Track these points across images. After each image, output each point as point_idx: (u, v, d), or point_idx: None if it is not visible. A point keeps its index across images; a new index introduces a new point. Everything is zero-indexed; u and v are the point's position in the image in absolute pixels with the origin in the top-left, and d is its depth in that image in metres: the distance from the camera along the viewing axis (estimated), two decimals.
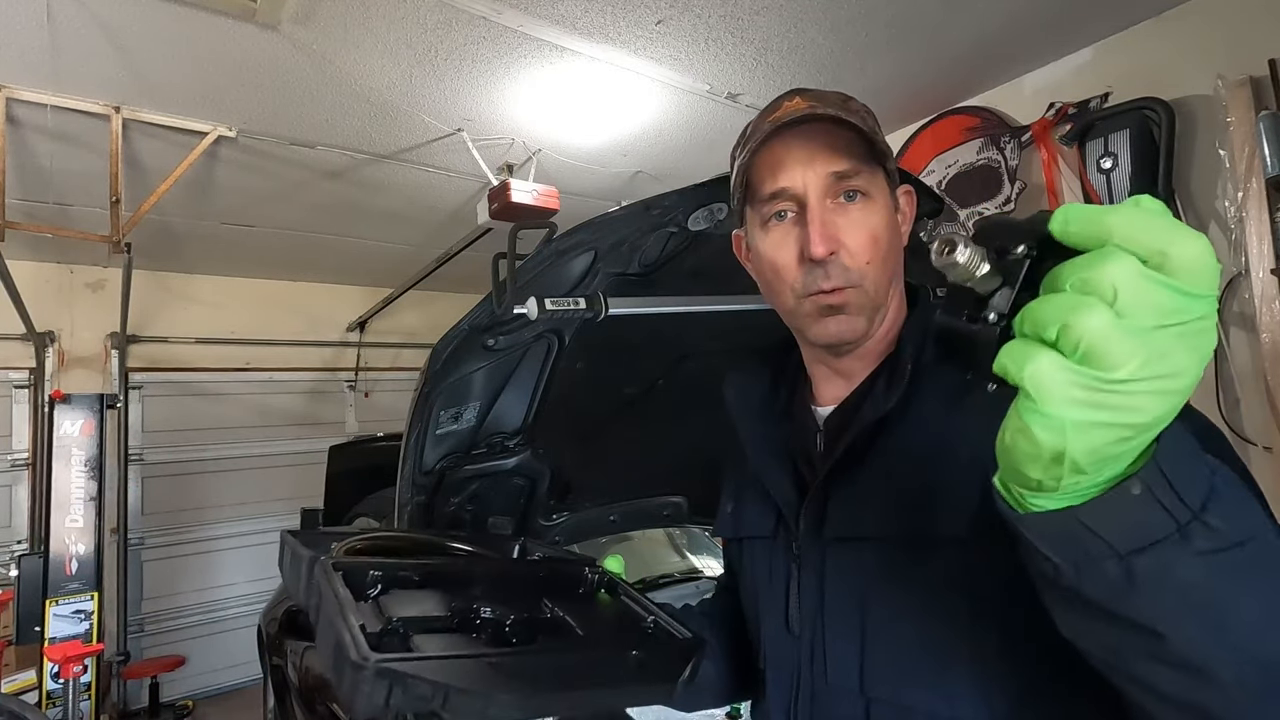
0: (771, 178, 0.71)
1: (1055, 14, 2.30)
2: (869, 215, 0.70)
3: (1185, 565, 0.38)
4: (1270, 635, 0.39)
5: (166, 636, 4.58)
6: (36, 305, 3.90)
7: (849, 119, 0.69)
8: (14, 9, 1.99)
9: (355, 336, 5.40)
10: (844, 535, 0.72)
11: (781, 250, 0.72)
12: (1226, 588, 0.39)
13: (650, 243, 1.29)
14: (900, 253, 0.75)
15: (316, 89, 2.50)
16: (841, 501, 0.73)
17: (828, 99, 0.72)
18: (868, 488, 0.71)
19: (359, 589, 0.77)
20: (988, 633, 0.61)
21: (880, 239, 0.70)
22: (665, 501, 2.07)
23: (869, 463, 0.71)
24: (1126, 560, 0.38)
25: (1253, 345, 2.09)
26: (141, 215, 2.79)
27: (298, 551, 0.88)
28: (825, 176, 0.69)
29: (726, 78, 2.57)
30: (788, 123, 0.69)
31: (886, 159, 0.72)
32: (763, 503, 0.82)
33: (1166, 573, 0.38)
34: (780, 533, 0.80)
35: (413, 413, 1.44)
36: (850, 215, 0.70)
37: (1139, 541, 0.38)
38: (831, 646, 0.72)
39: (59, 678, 3.11)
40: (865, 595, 0.69)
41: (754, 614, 0.84)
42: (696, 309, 1.40)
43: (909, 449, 0.69)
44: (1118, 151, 2.32)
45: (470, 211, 3.64)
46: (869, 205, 0.70)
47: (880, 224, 0.71)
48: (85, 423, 3.41)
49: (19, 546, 4.12)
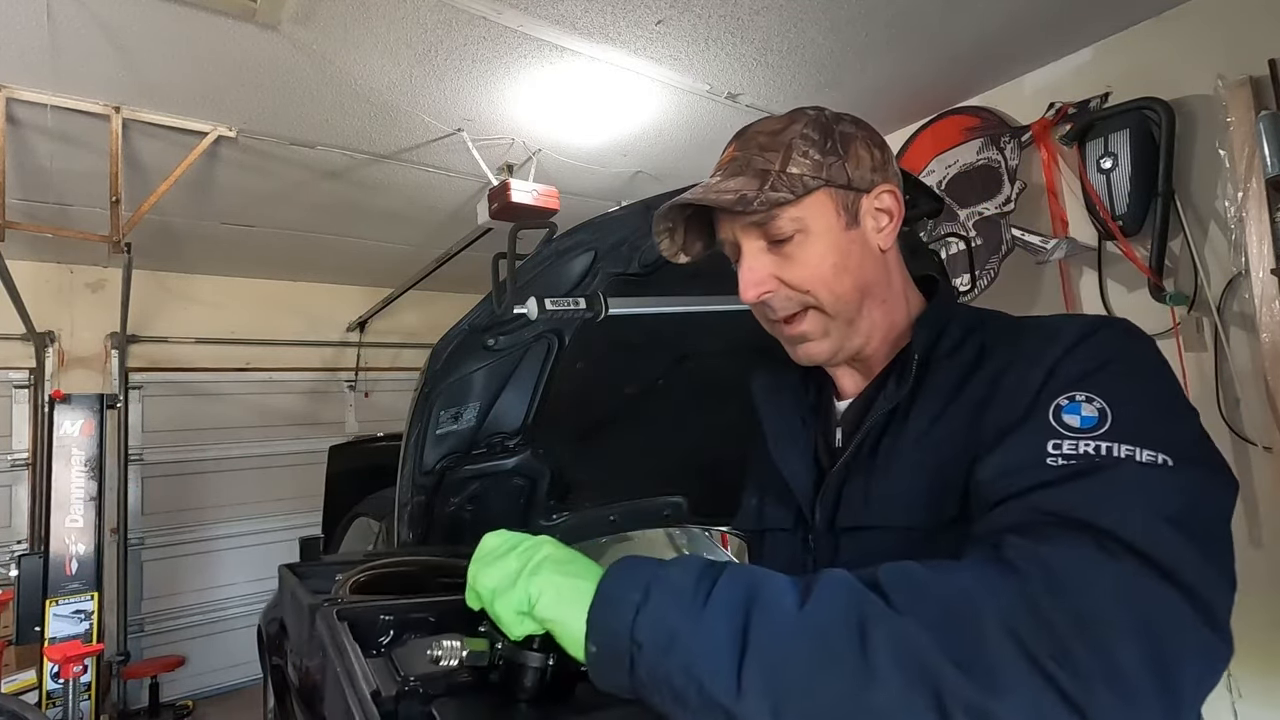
0: (717, 227, 0.78)
1: (1055, 14, 2.30)
2: (805, 248, 0.73)
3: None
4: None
5: (166, 636, 4.58)
6: (36, 305, 3.90)
7: (741, 191, 0.71)
8: (14, 9, 1.99)
9: (355, 336, 5.40)
10: (852, 525, 0.75)
11: (742, 289, 0.77)
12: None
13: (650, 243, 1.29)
14: (877, 262, 0.76)
15: (316, 89, 2.50)
16: (853, 492, 0.75)
17: (749, 145, 0.75)
18: (876, 478, 0.73)
19: (369, 639, 0.71)
20: None
21: (822, 264, 0.73)
22: (665, 501, 2.07)
23: (879, 454, 0.74)
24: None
25: (1253, 345, 2.09)
26: (141, 215, 2.79)
27: (298, 594, 0.81)
28: (747, 226, 0.74)
29: (726, 78, 2.57)
30: (675, 205, 0.75)
31: (826, 183, 0.73)
32: (784, 496, 0.84)
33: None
34: (799, 525, 0.82)
35: (413, 413, 1.44)
36: (785, 253, 0.73)
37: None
38: None
39: (59, 678, 3.11)
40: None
41: None
42: (696, 309, 1.40)
43: (915, 439, 0.72)
44: (1118, 151, 2.32)
45: (470, 211, 3.63)
46: (804, 238, 0.73)
47: (820, 251, 0.73)
48: (85, 423, 3.41)
49: (19, 546, 4.11)
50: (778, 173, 0.72)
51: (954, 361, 0.73)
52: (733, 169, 0.74)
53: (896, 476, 0.72)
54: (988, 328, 0.75)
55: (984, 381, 0.68)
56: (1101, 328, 0.65)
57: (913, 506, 0.69)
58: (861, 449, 0.76)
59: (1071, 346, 0.63)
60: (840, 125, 0.76)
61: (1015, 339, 0.70)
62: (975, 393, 0.69)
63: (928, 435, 0.71)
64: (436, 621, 0.78)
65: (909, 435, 0.72)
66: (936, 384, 0.73)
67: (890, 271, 0.78)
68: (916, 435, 0.72)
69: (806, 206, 0.72)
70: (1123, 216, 2.32)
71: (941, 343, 0.75)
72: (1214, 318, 2.18)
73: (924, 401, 0.73)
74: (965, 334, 0.75)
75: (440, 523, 1.70)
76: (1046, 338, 0.66)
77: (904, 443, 0.73)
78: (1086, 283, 2.53)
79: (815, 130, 0.74)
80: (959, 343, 0.75)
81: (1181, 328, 2.26)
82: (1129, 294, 2.41)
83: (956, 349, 0.74)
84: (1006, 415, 0.63)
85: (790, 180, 0.72)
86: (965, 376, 0.71)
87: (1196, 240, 2.23)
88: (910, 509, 0.69)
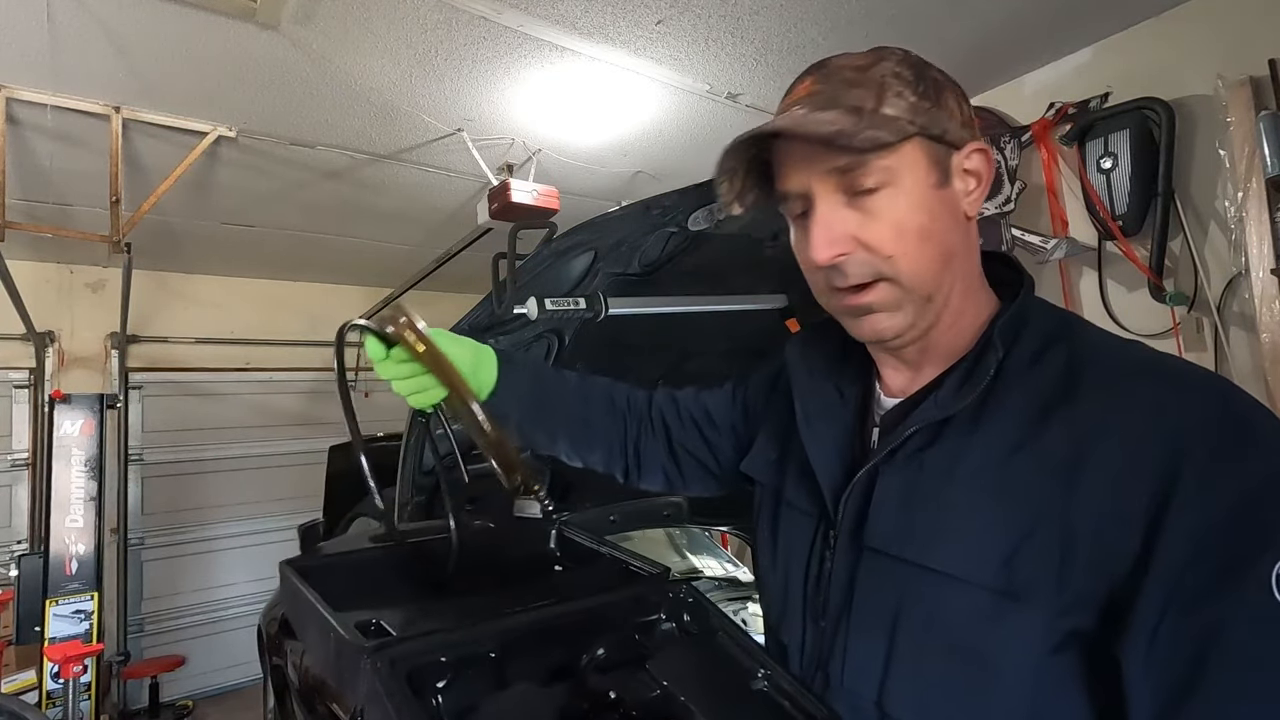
0: (781, 177, 0.67)
1: (1055, 14, 2.29)
2: (892, 204, 0.62)
3: None
4: None
5: (166, 636, 4.58)
6: (36, 305, 3.90)
7: (820, 130, 0.60)
8: (14, 9, 1.99)
9: (355, 336, 5.38)
10: (883, 549, 0.66)
11: (801, 250, 0.68)
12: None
13: (650, 243, 1.29)
14: (963, 232, 0.66)
15: (316, 89, 2.50)
16: (885, 506, 0.67)
17: (833, 79, 0.64)
18: (919, 501, 0.64)
19: (424, 685, 0.65)
20: (1031, 690, 0.59)
21: (909, 225, 0.62)
22: (665, 502, 2.07)
23: (926, 470, 0.65)
24: None
25: (1253, 345, 2.09)
26: (141, 215, 2.79)
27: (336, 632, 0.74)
28: (828, 174, 0.63)
29: (726, 78, 2.57)
30: (753, 136, 0.63)
31: (923, 129, 0.62)
32: (807, 477, 0.76)
33: None
34: (822, 518, 0.75)
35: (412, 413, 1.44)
36: (866, 207, 0.62)
37: None
38: (853, 651, 0.69)
39: (59, 678, 3.11)
40: (898, 615, 0.65)
41: (781, 578, 0.80)
42: (696, 309, 1.40)
43: (983, 467, 0.62)
44: (1118, 151, 2.31)
45: (470, 211, 3.63)
46: (893, 192, 0.62)
47: (908, 208, 0.62)
48: (85, 423, 3.41)
49: (19, 546, 4.12)
50: (871, 111, 0.61)
51: (1034, 377, 0.62)
52: (818, 102, 0.63)
53: (953, 509, 0.62)
54: (1075, 338, 0.64)
55: (1072, 432, 0.58)
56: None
57: (970, 556, 0.60)
58: (896, 455, 0.66)
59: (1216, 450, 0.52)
60: (930, 70, 0.65)
61: (1110, 380, 0.59)
62: (1060, 438, 0.58)
63: (1005, 470, 0.60)
64: (498, 656, 0.74)
65: (973, 460, 0.62)
66: (1009, 403, 0.62)
67: (973, 245, 0.68)
68: (985, 463, 0.61)
69: (901, 155, 0.61)
70: (1123, 216, 2.32)
71: (1018, 349, 0.64)
72: (1214, 317, 2.17)
73: (996, 423, 0.62)
74: (1046, 342, 0.64)
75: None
76: (1160, 406, 0.55)
77: (965, 467, 0.62)
78: (1086, 283, 2.53)
79: (909, 70, 0.63)
80: (1039, 352, 0.63)
81: (1181, 328, 2.25)
82: (1129, 294, 2.41)
83: (1036, 360, 0.63)
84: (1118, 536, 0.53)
85: (886, 122, 0.60)
86: (1049, 405, 0.60)
87: (1196, 240, 2.23)
88: (966, 558, 0.60)
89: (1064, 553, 0.56)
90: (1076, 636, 0.57)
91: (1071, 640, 0.57)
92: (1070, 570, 0.56)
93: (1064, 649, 0.57)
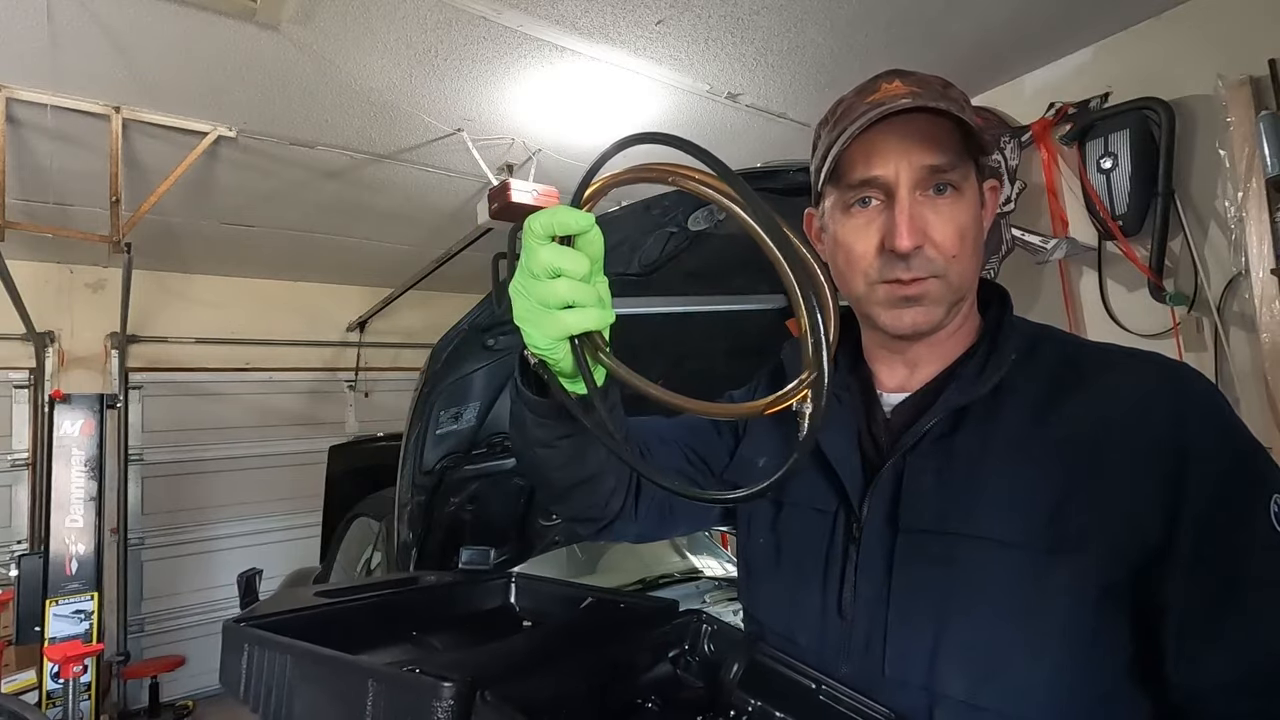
0: (864, 164, 0.69)
1: (1055, 14, 2.29)
2: (958, 209, 0.69)
3: None
4: None
5: (166, 636, 4.59)
6: (36, 305, 3.90)
7: (952, 111, 0.66)
8: (14, 9, 1.99)
9: (355, 336, 5.40)
10: (929, 528, 0.69)
11: (861, 237, 0.71)
12: None
13: (650, 243, 1.29)
14: (983, 247, 0.74)
15: (316, 89, 2.50)
16: (920, 491, 0.70)
17: (930, 85, 0.69)
18: (956, 482, 0.69)
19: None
20: (1077, 641, 0.63)
21: (967, 233, 0.69)
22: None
23: (956, 454, 0.69)
24: None
25: (1253, 345, 2.09)
26: (141, 215, 2.79)
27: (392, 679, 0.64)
28: (920, 169, 0.68)
29: (726, 78, 2.57)
30: (893, 112, 0.66)
31: (982, 153, 0.70)
32: (820, 474, 0.78)
33: None
34: (842, 512, 0.76)
35: (413, 413, 1.44)
36: (939, 208, 0.68)
37: None
38: (894, 639, 0.69)
39: (59, 678, 3.11)
40: (948, 590, 0.67)
41: (788, 580, 0.80)
42: (696, 309, 1.40)
43: (1011, 445, 0.68)
44: (1118, 151, 2.32)
45: (470, 211, 3.63)
46: (958, 199, 0.69)
47: (968, 218, 0.69)
48: (85, 423, 3.40)
49: (19, 546, 4.12)
50: (973, 120, 0.67)
51: (1035, 365, 0.70)
52: (930, 96, 0.66)
53: (993, 481, 0.67)
54: (1055, 337, 0.74)
55: (1090, 405, 0.66)
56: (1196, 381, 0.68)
57: (1014, 520, 0.65)
58: (922, 443, 0.70)
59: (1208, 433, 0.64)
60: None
61: (1106, 368, 0.69)
62: (1080, 411, 0.66)
63: (1035, 441, 0.67)
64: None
65: (1001, 437, 0.68)
66: (1021, 388, 0.70)
67: (980, 263, 0.76)
68: (1014, 438, 0.68)
69: (968, 168, 0.70)
70: (1123, 216, 2.32)
71: (1009, 345, 0.73)
72: (1214, 318, 2.17)
73: (1014, 405, 0.69)
74: (1033, 341, 0.73)
75: (440, 523, 1.70)
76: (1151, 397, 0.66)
77: (996, 444, 0.68)
78: (1086, 283, 2.53)
79: (962, 97, 0.71)
80: (1031, 348, 0.72)
81: (1181, 328, 2.26)
82: (1129, 294, 2.41)
83: (1032, 353, 0.72)
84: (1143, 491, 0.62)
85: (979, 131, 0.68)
86: (1060, 385, 0.68)
87: (1196, 240, 2.23)
88: (1010, 522, 0.65)
89: (1102, 508, 0.62)
90: (1112, 589, 0.62)
91: (1110, 593, 0.62)
92: (1109, 522, 0.62)
93: (1104, 600, 0.62)
